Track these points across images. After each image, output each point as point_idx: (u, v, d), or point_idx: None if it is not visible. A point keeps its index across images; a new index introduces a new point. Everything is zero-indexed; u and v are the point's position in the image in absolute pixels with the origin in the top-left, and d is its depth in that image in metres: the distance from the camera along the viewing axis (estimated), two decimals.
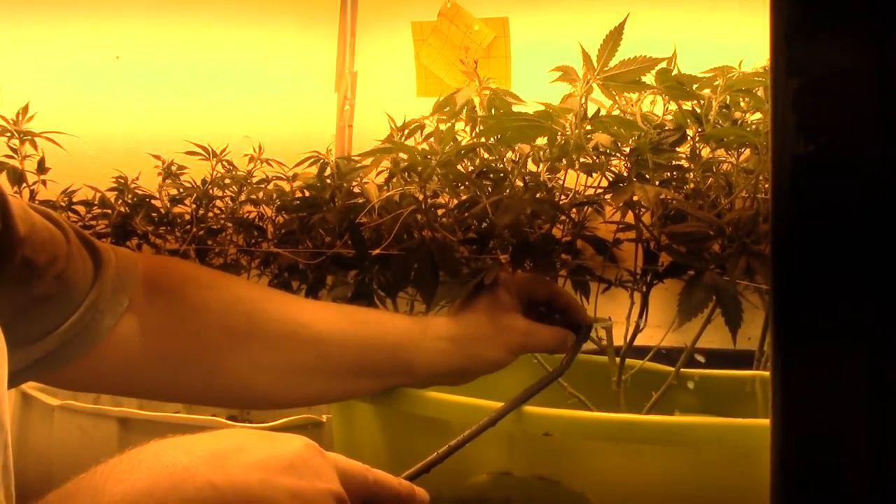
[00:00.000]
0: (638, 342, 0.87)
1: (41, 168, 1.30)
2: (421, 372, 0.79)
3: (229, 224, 1.32)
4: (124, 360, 0.69)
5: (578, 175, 0.88)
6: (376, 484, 0.59)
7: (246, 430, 0.56)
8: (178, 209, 1.34)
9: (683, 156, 0.84)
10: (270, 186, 1.34)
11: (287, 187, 1.34)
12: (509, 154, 0.91)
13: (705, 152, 0.85)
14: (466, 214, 0.93)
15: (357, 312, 0.81)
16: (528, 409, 0.73)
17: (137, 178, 1.35)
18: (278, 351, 0.74)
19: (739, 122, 0.83)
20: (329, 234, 1.16)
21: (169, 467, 0.50)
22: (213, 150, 1.35)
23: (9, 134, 1.27)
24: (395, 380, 0.79)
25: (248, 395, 0.76)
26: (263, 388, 0.75)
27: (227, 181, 1.34)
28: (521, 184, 0.89)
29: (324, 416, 1.04)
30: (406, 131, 0.96)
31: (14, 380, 0.63)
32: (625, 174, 0.81)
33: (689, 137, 0.83)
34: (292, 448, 0.54)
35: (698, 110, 0.82)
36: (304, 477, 0.53)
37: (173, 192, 1.33)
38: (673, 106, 0.85)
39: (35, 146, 1.29)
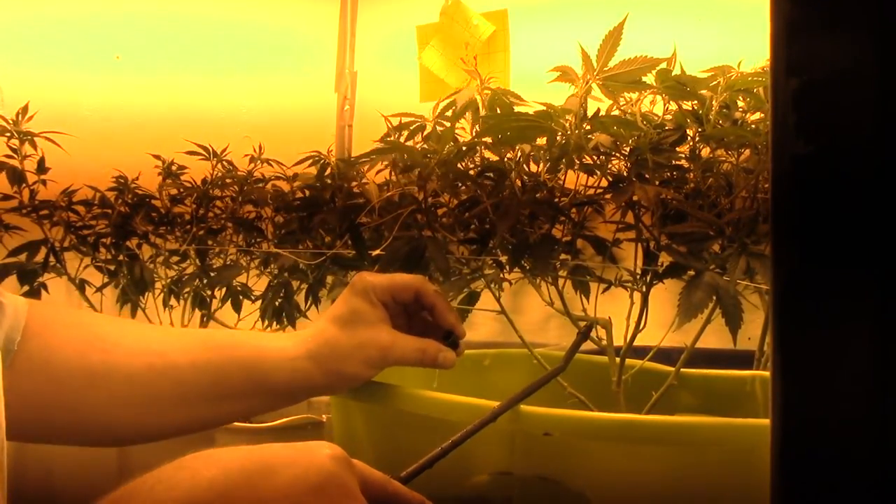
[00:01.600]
0: (638, 342, 0.87)
1: (41, 168, 1.30)
2: (281, 391, 0.79)
3: (229, 224, 1.32)
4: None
5: (578, 175, 0.88)
6: (395, 495, 0.60)
7: (276, 447, 0.57)
8: (178, 209, 1.34)
9: (683, 156, 0.84)
10: (270, 186, 1.34)
11: (287, 187, 1.34)
12: (509, 154, 0.91)
13: (705, 152, 0.85)
14: (466, 214, 0.93)
15: (214, 337, 0.81)
16: (528, 409, 0.73)
17: (137, 178, 1.35)
18: (136, 384, 0.75)
19: (739, 122, 0.83)
20: (329, 234, 1.16)
21: (206, 489, 0.51)
22: (213, 149, 1.35)
23: (9, 134, 1.27)
24: (258, 401, 0.80)
25: (112, 431, 0.77)
26: (126, 423, 0.76)
27: (227, 181, 1.34)
28: (520, 184, 0.89)
29: (324, 416, 1.04)
30: (406, 132, 0.96)
31: None
32: (625, 174, 0.81)
33: (689, 137, 0.83)
34: (321, 465, 0.55)
35: (698, 110, 0.82)
36: (332, 497, 0.54)
37: (173, 192, 1.33)
38: (673, 106, 0.85)
39: (35, 146, 1.29)
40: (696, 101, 0.82)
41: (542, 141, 0.85)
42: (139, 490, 0.51)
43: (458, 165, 0.89)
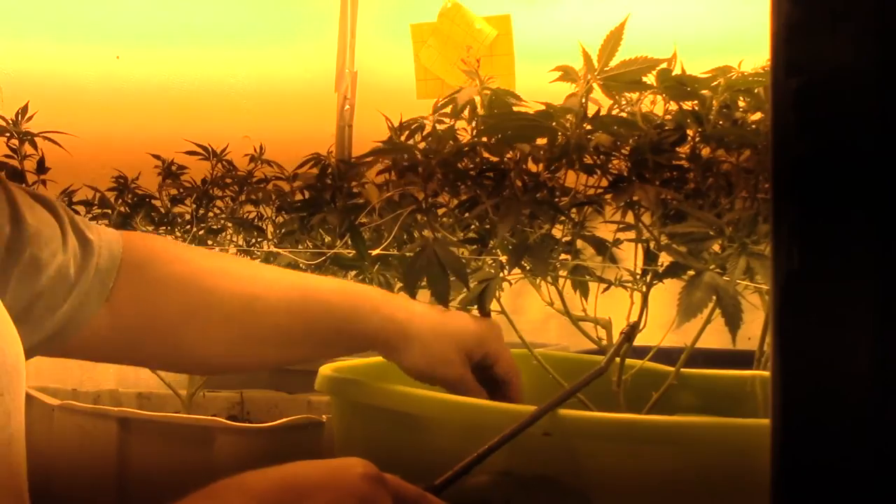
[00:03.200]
0: (638, 342, 0.87)
1: (41, 168, 1.30)
2: (361, 345, 0.82)
3: (229, 224, 1.32)
4: (95, 336, 0.74)
5: (578, 175, 0.88)
6: None
7: (307, 468, 0.57)
8: (178, 209, 1.34)
9: (683, 156, 0.84)
10: (270, 186, 1.34)
11: (287, 187, 1.34)
12: (509, 154, 0.91)
13: (705, 152, 0.85)
14: (466, 214, 0.93)
15: (311, 283, 0.85)
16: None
17: (137, 178, 1.35)
18: (230, 324, 0.78)
19: (739, 122, 0.83)
20: (329, 234, 1.16)
21: None
22: (213, 149, 1.35)
23: (8, 134, 1.27)
24: (338, 348, 0.85)
25: (202, 363, 0.82)
26: (217, 357, 0.80)
27: (227, 181, 1.34)
28: (520, 184, 0.89)
29: (324, 416, 1.04)
30: (406, 132, 0.96)
31: None
32: (625, 174, 0.81)
33: (689, 137, 0.83)
34: (354, 487, 0.55)
35: (698, 110, 0.82)
36: None
37: (173, 192, 1.33)
38: (673, 106, 0.85)
39: (35, 146, 1.29)
40: (696, 101, 0.82)
41: (542, 141, 0.85)
42: None
43: (458, 165, 0.89)
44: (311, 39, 1.90)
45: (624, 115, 0.83)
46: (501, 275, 0.97)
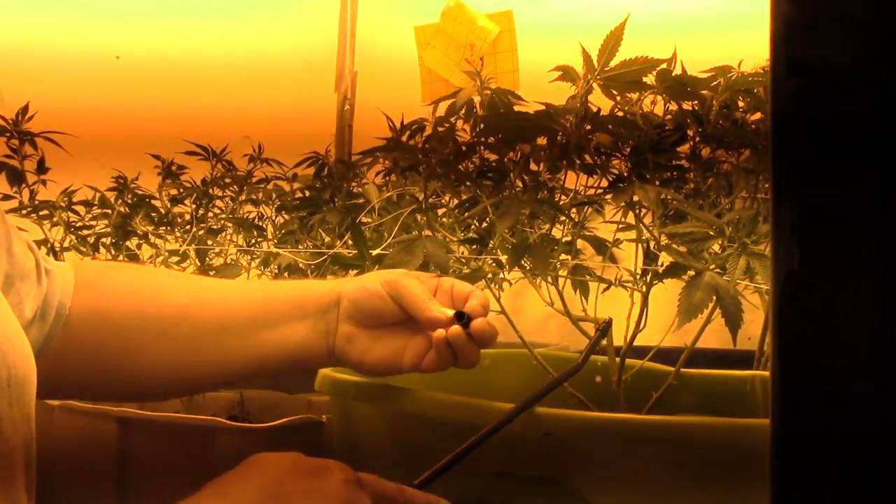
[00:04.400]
0: (638, 342, 0.87)
1: (41, 168, 1.30)
2: (313, 309, 0.78)
3: (229, 224, 1.32)
4: (50, 362, 0.72)
5: (578, 175, 0.88)
6: (409, 503, 0.61)
7: (286, 477, 0.57)
8: (178, 209, 1.34)
9: (683, 156, 0.84)
10: (270, 186, 1.34)
11: (287, 187, 1.34)
12: (509, 153, 0.91)
13: (705, 152, 0.85)
14: (466, 214, 0.93)
15: (261, 280, 0.88)
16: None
17: (137, 178, 1.35)
18: (183, 319, 0.78)
19: (739, 122, 0.83)
20: (329, 234, 1.16)
21: None
22: (212, 149, 1.35)
23: (8, 134, 1.27)
24: (293, 327, 0.78)
25: (161, 372, 0.78)
26: (177, 360, 0.78)
27: (227, 181, 1.34)
28: (521, 184, 0.89)
29: (324, 416, 1.04)
30: (408, 133, 0.96)
31: None
32: (625, 174, 0.81)
33: (689, 137, 0.83)
34: (336, 493, 0.56)
35: (698, 110, 0.82)
36: None
37: (173, 192, 1.33)
38: (673, 106, 0.85)
39: (35, 146, 1.29)
40: (696, 101, 0.82)
41: (542, 141, 0.85)
42: None
43: (459, 165, 0.89)
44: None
45: (621, 114, 0.83)
46: (501, 274, 0.97)
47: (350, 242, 1.03)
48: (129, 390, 0.82)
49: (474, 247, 0.94)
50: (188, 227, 1.30)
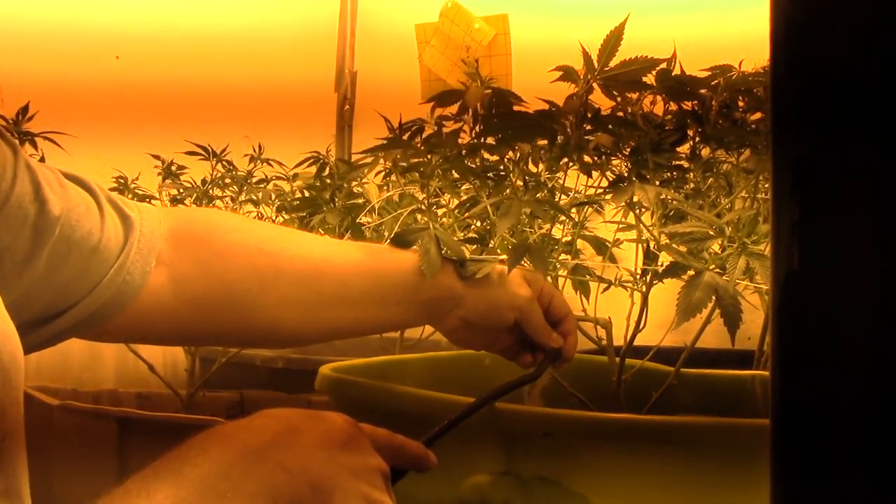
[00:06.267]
0: (638, 342, 0.87)
1: None
2: (430, 298, 0.81)
3: None
4: (158, 311, 0.74)
5: (578, 175, 0.88)
6: (400, 448, 0.64)
7: (293, 410, 0.61)
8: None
9: (683, 156, 0.84)
10: (270, 186, 1.34)
11: (287, 187, 1.34)
12: (509, 153, 0.91)
13: (705, 152, 0.85)
14: (466, 215, 0.93)
15: (375, 247, 0.87)
16: (528, 409, 0.73)
17: (137, 178, 1.35)
18: (302, 286, 0.78)
19: (739, 122, 0.83)
20: (329, 234, 1.16)
21: (241, 451, 0.54)
22: (212, 149, 1.35)
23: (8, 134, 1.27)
24: (405, 308, 0.82)
25: (278, 331, 0.80)
26: (292, 324, 0.79)
27: (227, 181, 1.34)
28: (521, 183, 0.89)
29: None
30: (408, 133, 0.96)
31: (56, 339, 0.70)
32: (625, 174, 0.81)
33: (689, 137, 0.83)
34: (340, 426, 0.59)
35: (698, 110, 0.82)
36: (355, 454, 0.58)
37: (173, 191, 1.33)
38: (673, 106, 0.85)
39: (35, 146, 1.29)
40: (696, 101, 0.82)
41: (542, 141, 0.85)
42: (174, 458, 0.53)
43: (458, 165, 0.89)
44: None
45: (621, 114, 0.83)
46: None
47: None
48: (247, 342, 0.91)
49: (474, 247, 0.94)
50: None
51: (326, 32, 1.84)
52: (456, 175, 0.92)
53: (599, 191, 0.87)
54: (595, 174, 0.86)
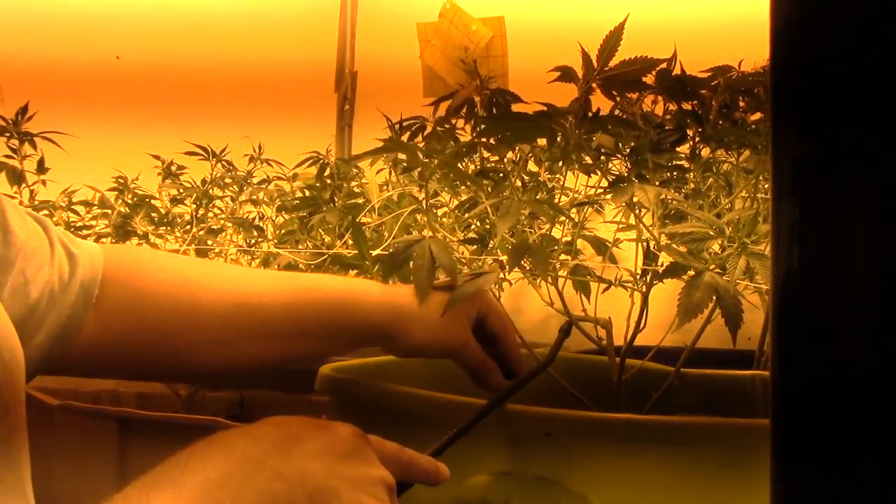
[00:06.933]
0: (638, 342, 0.87)
1: (41, 168, 1.30)
2: (358, 333, 0.81)
3: (229, 224, 1.32)
4: (86, 347, 0.73)
5: (578, 175, 0.88)
6: (409, 463, 0.64)
7: (297, 419, 0.59)
8: (178, 209, 1.34)
9: (683, 156, 0.84)
10: (271, 186, 1.34)
11: (287, 187, 1.34)
12: (509, 154, 0.91)
13: (705, 152, 0.85)
14: (466, 215, 0.93)
15: (300, 277, 0.87)
16: (529, 408, 0.73)
17: (137, 178, 1.35)
18: (225, 324, 0.78)
19: (739, 122, 0.83)
20: (329, 234, 1.16)
21: (240, 459, 0.54)
22: (212, 150, 1.35)
23: (8, 134, 1.27)
24: (336, 340, 0.82)
25: (202, 367, 0.80)
26: (217, 360, 0.79)
27: (227, 181, 1.34)
28: (520, 184, 0.89)
29: (324, 416, 1.04)
30: (408, 133, 0.96)
31: None
32: (625, 174, 0.81)
33: (689, 137, 0.83)
34: (344, 437, 0.59)
35: (698, 110, 0.82)
36: (358, 465, 0.58)
37: (173, 192, 1.33)
38: (673, 106, 0.85)
39: (35, 146, 1.29)
40: (696, 101, 0.82)
41: (542, 141, 0.85)
42: (174, 465, 0.53)
43: (458, 165, 0.89)
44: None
45: (620, 113, 0.83)
46: (501, 274, 0.97)
47: (350, 242, 1.03)
48: (173, 378, 0.89)
49: (474, 247, 0.94)
50: (188, 227, 1.30)
51: (326, 32, 1.84)
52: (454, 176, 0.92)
53: (599, 191, 0.87)
54: (595, 174, 0.86)
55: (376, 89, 1.80)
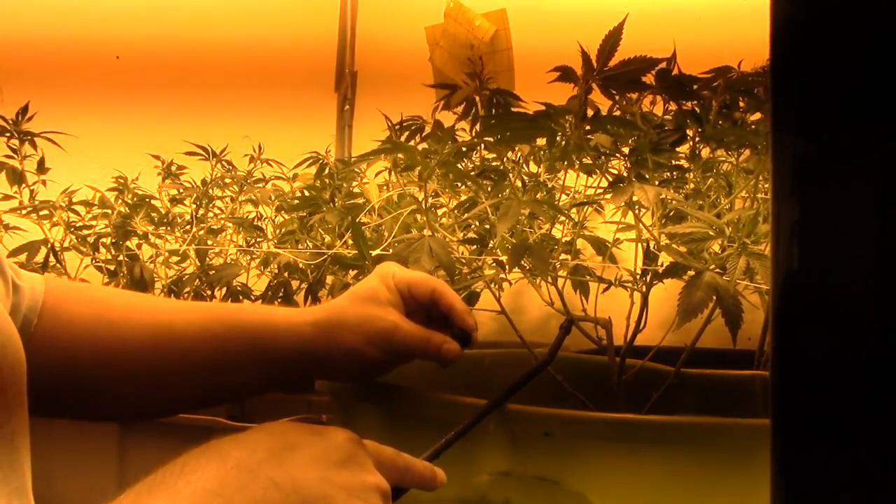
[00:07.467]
0: (638, 342, 0.87)
1: (41, 168, 1.30)
2: (283, 357, 0.78)
3: (229, 224, 1.32)
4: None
5: (578, 175, 0.88)
6: (405, 468, 0.64)
7: (293, 425, 0.59)
8: (178, 209, 1.34)
9: (683, 156, 0.84)
10: (270, 187, 1.34)
11: (287, 187, 1.34)
12: (509, 154, 0.91)
13: (705, 152, 0.85)
14: (466, 215, 0.93)
15: (220, 307, 0.84)
16: (528, 408, 0.73)
17: (137, 178, 1.35)
18: (142, 358, 0.76)
19: (739, 122, 0.83)
20: (329, 234, 1.16)
21: (234, 468, 0.54)
22: (212, 150, 1.35)
23: (8, 134, 1.27)
24: (262, 370, 0.79)
25: (120, 405, 0.78)
26: (139, 396, 0.77)
27: (226, 181, 1.34)
28: (520, 184, 0.89)
29: (324, 416, 1.04)
30: (407, 133, 0.96)
31: None
32: (625, 174, 0.81)
33: (689, 137, 0.83)
34: (339, 443, 0.58)
35: (698, 110, 0.82)
36: (353, 472, 0.58)
37: (173, 191, 1.33)
38: (673, 106, 0.85)
39: (35, 146, 1.29)
40: (696, 101, 0.82)
41: (542, 141, 0.85)
42: (169, 473, 0.52)
43: (458, 165, 0.89)
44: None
45: (618, 113, 0.83)
46: (501, 274, 0.97)
47: (350, 242, 1.03)
48: (96, 416, 0.81)
49: (474, 247, 0.94)
50: (188, 227, 1.30)
51: (326, 32, 1.84)
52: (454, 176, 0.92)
53: (599, 191, 0.87)
54: (595, 174, 0.86)
55: (376, 89, 1.80)
